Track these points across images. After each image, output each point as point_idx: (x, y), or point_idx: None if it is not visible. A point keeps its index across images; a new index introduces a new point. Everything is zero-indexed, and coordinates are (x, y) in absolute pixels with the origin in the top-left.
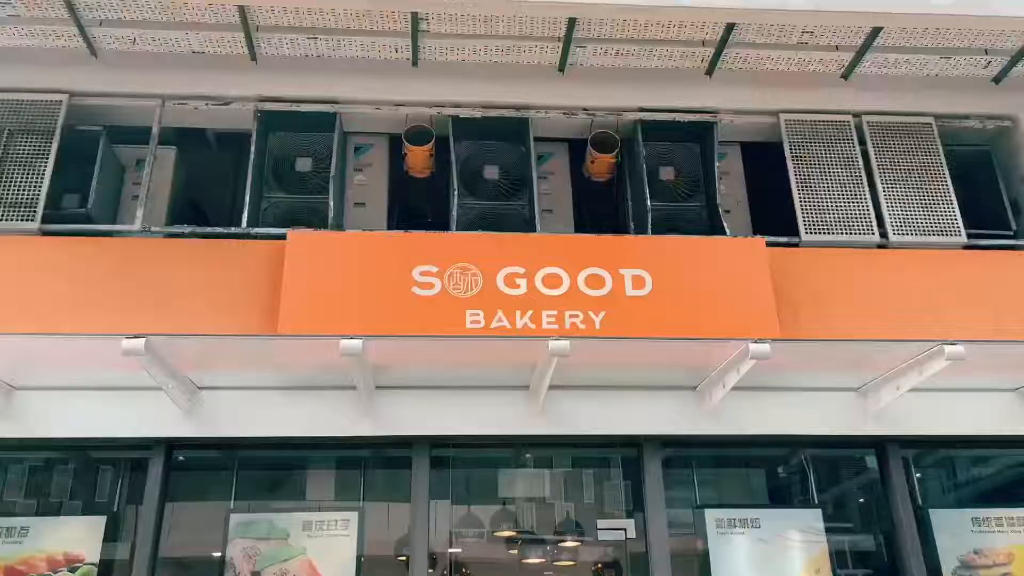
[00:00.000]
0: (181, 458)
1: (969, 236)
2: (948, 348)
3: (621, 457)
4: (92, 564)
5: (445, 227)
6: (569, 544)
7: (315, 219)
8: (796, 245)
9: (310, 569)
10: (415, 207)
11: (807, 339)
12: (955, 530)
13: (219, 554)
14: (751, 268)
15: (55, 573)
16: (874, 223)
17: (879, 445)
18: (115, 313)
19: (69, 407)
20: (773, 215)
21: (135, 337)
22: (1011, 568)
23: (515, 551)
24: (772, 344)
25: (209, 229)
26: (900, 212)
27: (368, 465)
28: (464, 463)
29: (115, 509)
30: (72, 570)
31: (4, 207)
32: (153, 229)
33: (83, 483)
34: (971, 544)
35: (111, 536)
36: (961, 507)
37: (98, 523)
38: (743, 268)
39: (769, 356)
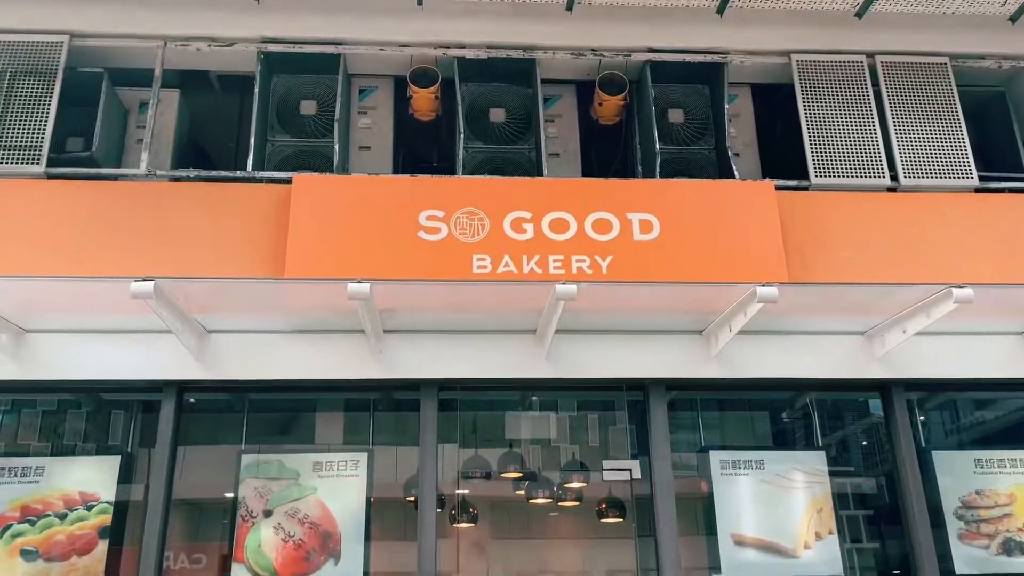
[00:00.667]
0: (192, 400)
1: (981, 179)
2: (956, 291)
3: (627, 400)
4: (107, 503)
5: (451, 171)
6: (574, 485)
7: (320, 163)
8: (806, 189)
9: (321, 508)
10: (420, 151)
11: (814, 283)
12: (957, 471)
13: (231, 495)
14: (760, 212)
15: (71, 511)
16: (885, 166)
17: (883, 388)
18: (123, 257)
19: (80, 350)
20: (783, 158)
21: (144, 280)
22: (1012, 508)
23: (521, 492)
24: (779, 288)
25: (214, 173)
26: (912, 154)
27: (377, 408)
28: (471, 406)
29: (128, 450)
30: (88, 508)
31: (9, 150)
32: (158, 173)
33: (96, 425)
34: (973, 485)
35: (125, 476)
36: (963, 449)
37: (112, 463)
38: (752, 212)
39: (776, 299)
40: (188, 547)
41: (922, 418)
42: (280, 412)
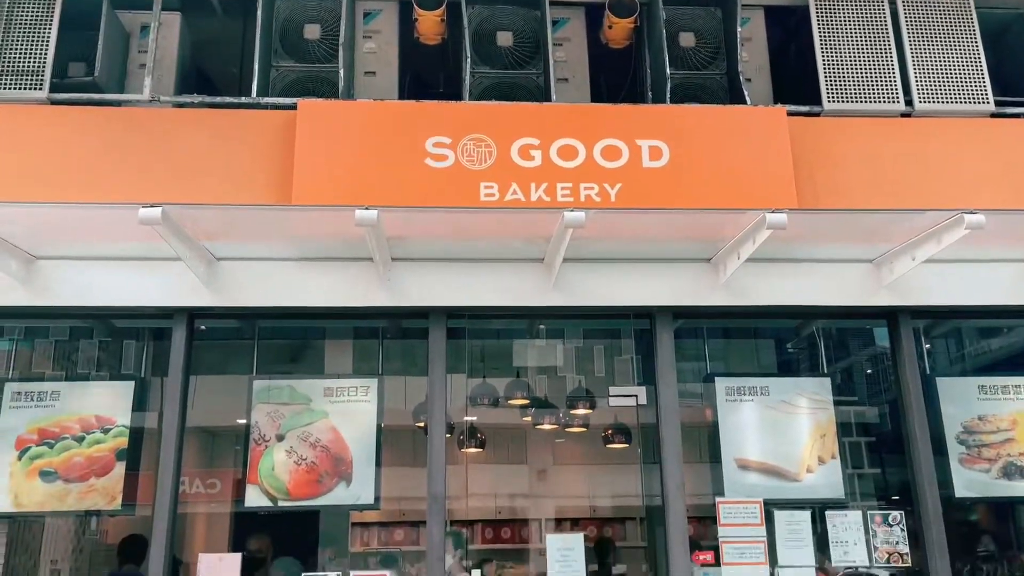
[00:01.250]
0: (203, 327)
1: (997, 104)
2: (968, 217)
3: (633, 329)
4: (123, 427)
5: (457, 97)
6: (580, 411)
7: (325, 89)
8: (818, 115)
9: (332, 433)
10: (426, 76)
11: (824, 209)
12: (961, 398)
13: (243, 421)
14: (771, 138)
15: (88, 434)
16: (900, 90)
17: (891, 315)
18: (130, 183)
19: (90, 276)
20: (795, 84)
21: (152, 206)
22: (1014, 433)
23: (528, 418)
24: (789, 214)
25: (218, 99)
26: (927, 78)
27: (385, 336)
28: (479, 335)
29: (142, 376)
30: (104, 431)
31: (10, 76)
32: (162, 99)
33: (109, 353)
34: (976, 411)
35: (139, 401)
36: (967, 376)
37: (126, 388)
38: (762, 138)
39: (785, 226)
40: (203, 472)
41: (928, 346)
42: (290, 340)
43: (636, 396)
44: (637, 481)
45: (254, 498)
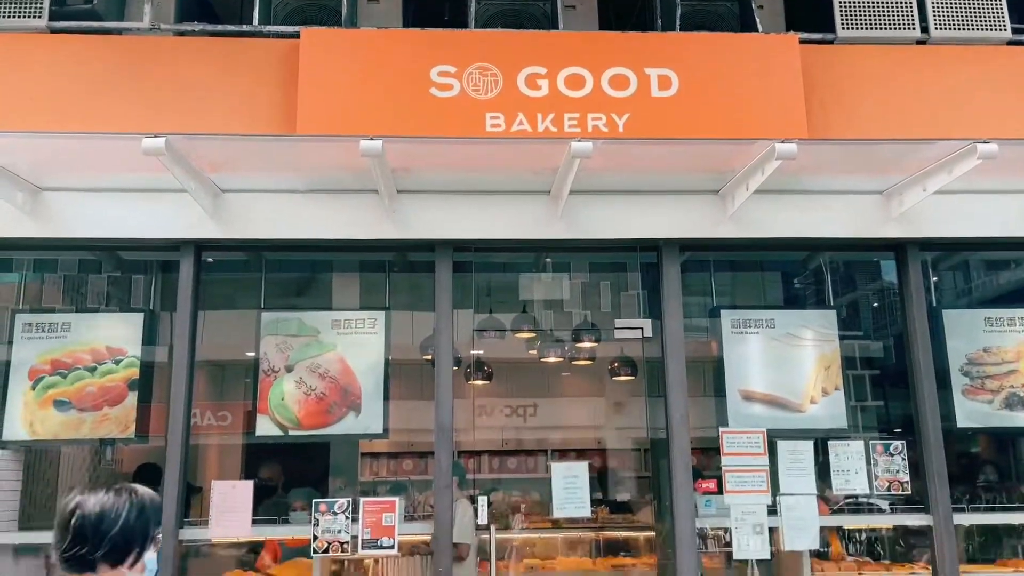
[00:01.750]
0: (210, 260)
1: (1014, 31)
2: (981, 147)
3: (640, 263)
4: (134, 357)
5: (463, 25)
6: (586, 344)
7: (328, 17)
8: (831, 42)
9: (341, 364)
10: (431, 4)
11: (835, 139)
12: (966, 330)
13: (252, 354)
14: (782, 67)
15: (100, 365)
16: (916, 17)
17: (899, 247)
18: (131, 113)
19: (96, 208)
20: (808, 12)
21: (155, 136)
22: (1018, 365)
23: (534, 351)
24: (799, 144)
25: (220, 27)
26: (944, 4)
27: (392, 270)
28: (485, 268)
29: (151, 308)
30: (116, 362)
31: (9, 3)
32: (162, 27)
33: (118, 287)
34: (981, 343)
35: (149, 333)
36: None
37: (136, 320)
38: (773, 67)
39: (795, 156)
40: (213, 405)
41: (935, 279)
42: (296, 273)
43: (642, 328)
44: (642, 413)
45: (265, 427)
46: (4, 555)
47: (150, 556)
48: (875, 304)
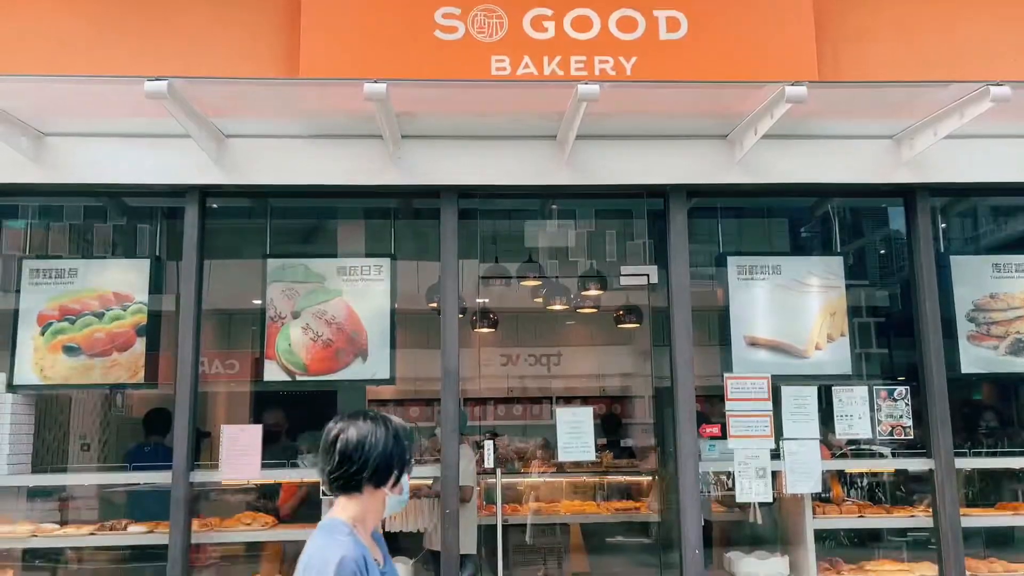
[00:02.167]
0: (215, 206)
1: None
2: (994, 90)
3: (647, 210)
4: (142, 303)
5: None
6: (592, 292)
7: None
8: None
9: (347, 311)
10: None
11: (846, 82)
12: (974, 276)
13: (259, 302)
14: (793, 7)
15: (108, 311)
16: None
17: (908, 192)
18: (132, 57)
19: (100, 153)
20: None
21: (157, 80)
22: None
23: (540, 299)
24: (809, 88)
25: None
26: None
27: (397, 217)
28: (491, 215)
29: (157, 254)
30: (124, 308)
31: None
32: None
33: (124, 234)
34: (988, 289)
35: (156, 280)
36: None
37: (143, 266)
38: (784, 8)
39: (805, 100)
40: (221, 353)
41: (943, 226)
42: (301, 219)
43: (648, 275)
44: (647, 361)
45: (272, 373)
46: (19, 497)
47: (405, 480)
48: (882, 251)
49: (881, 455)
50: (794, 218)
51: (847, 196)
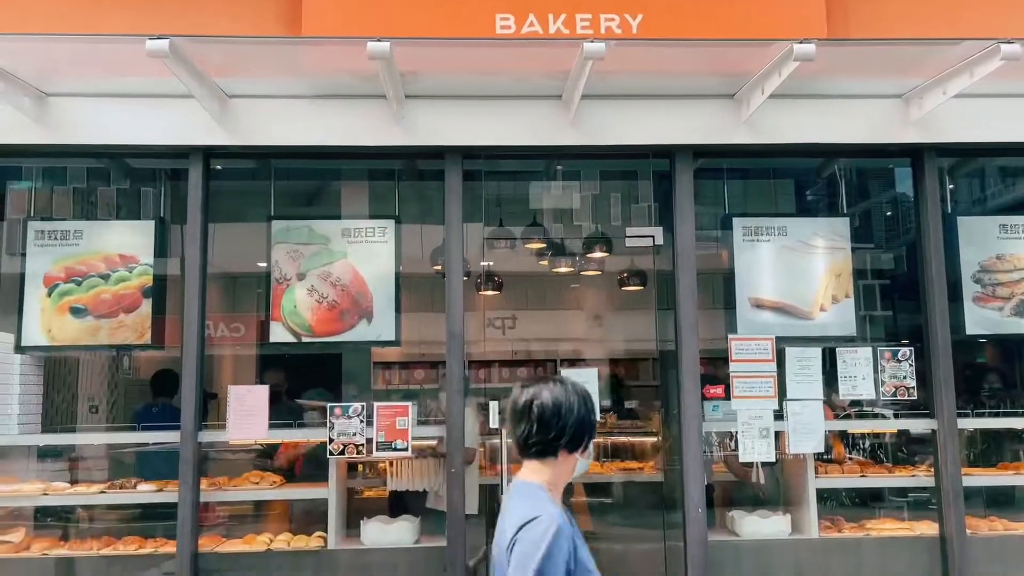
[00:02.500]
0: (219, 167)
1: None
2: (1005, 47)
3: (652, 172)
4: (147, 265)
5: None
6: (596, 255)
7: None
8: None
9: (352, 272)
10: None
11: (855, 39)
12: (980, 237)
13: (263, 264)
14: None
15: (114, 272)
16: None
17: (916, 152)
18: (134, 17)
19: (103, 114)
20: None
21: (159, 38)
22: None
23: (545, 262)
24: (817, 45)
25: None
26: None
27: (402, 178)
28: (495, 177)
29: (162, 216)
30: (129, 270)
31: None
32: None
33: (129, 196)
34: (994, 250)
35: (161, 242)
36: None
37: (148, 227)
38: None
39: (813, 58)
40: (226, 317)
41: (950, 187)
42: (305, 181)
43: (653, 236)
44: (651, 325)
45: (278, 334)
46: (30, 457)
47: (592, 443)
48: (888, 213)
49: (884, 417)
50: (800, 179)
51: (855, 156)
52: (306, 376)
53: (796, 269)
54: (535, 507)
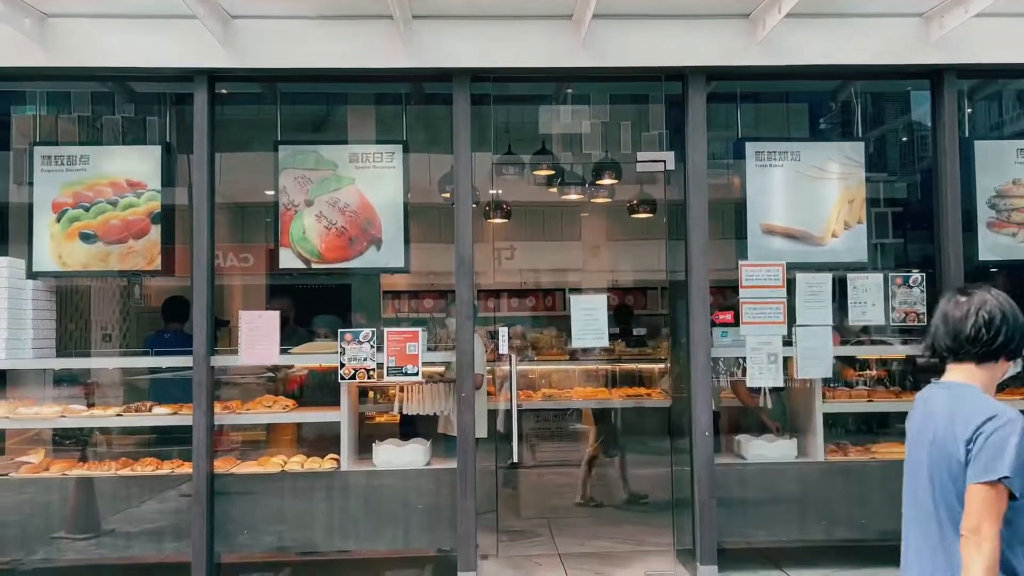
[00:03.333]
0: (224, 91)
1: None
2: None
3: (665, 96)
4: (155, 190)
5: None
6: (606, 182)
7: None
8: None
9: (360, 198)
10: None
11: None
12: (997, 162)
13: (271, 192)
14: None
15: (122, 198)
16: None
17: (936, 74)
18: None
19: (105, 35)
20: None
21: None
22: None
23: (554, 189)
24: None
25: None
26: None
27: (409, 103)
28: (504, 101)
29: (168, 141)
30: (137, 195)
31: None
32: None
33: (134, 122)
34: (1011, 175)
35: (167, 167)
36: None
37: (154, 152)
38: None
39: None
40: (235, 247)
41: (969, 110)
42: (312, 106)
43: (664, 161)
44: (661, 254)
45: (288, 260)
46: (46, 384)
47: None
48: (903, 139)
49: (890, 344)
50: (815, 103)
51: (873, 79)
52: (315, 305)
53: (809, 194)
54: (991, 404)
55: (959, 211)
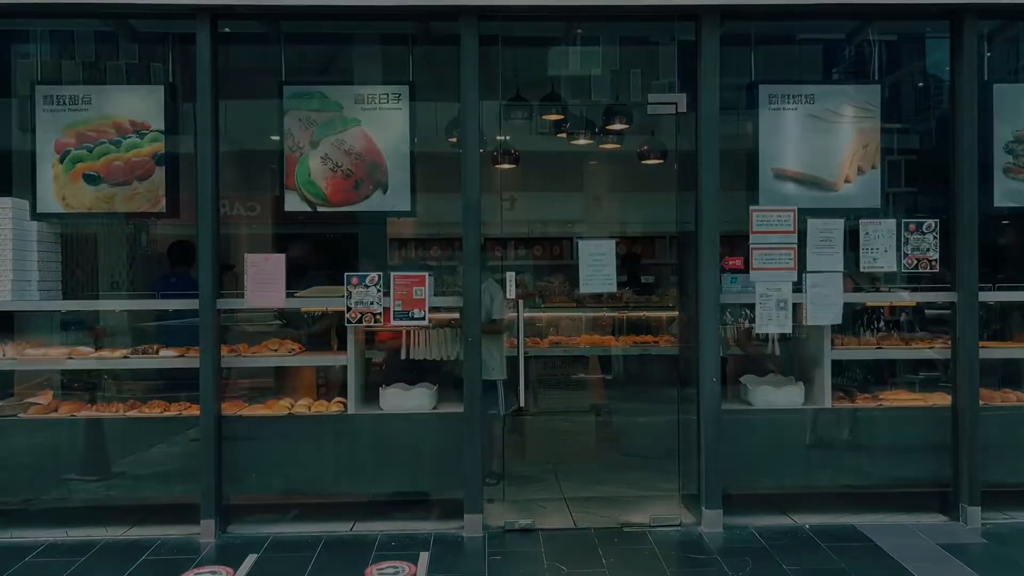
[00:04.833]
0: (227, 30)
1: None
2: None
3: (677, 41)
4: (158, 131)
5: None
6: (616, 127)
7: None
8: None
9: (366, 140)
10: None
11: None
12: (1016, 106)
13: (276, 138)
14: None
15: (125, 138)
16: None
17: (956, 13)
18: None
19: None
20: None
21: None
22: None
23: (563, 135)
24: None
25: None
26: None
27: (416, 43)
28: (513, 43)
29: (171, 81)
30: (140, 136)
31: None
32: None
33: (137, 64)
34: None
35: (170, 108)
36: None
37: (157, 92)
38: None
39: None
40: (241, 195)
41: (988, 54)
42: (316, 46)
43: (676, 104)
44: (670, 205)
45: (293, 203)
46: (52, 328)
47: None
48: (919, 84)
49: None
50: (829, 47)
51: (891, 20)
52: (321, 251)
53: (822, 139)
54: None
55: (975, 156)
